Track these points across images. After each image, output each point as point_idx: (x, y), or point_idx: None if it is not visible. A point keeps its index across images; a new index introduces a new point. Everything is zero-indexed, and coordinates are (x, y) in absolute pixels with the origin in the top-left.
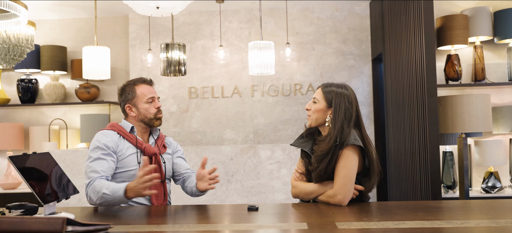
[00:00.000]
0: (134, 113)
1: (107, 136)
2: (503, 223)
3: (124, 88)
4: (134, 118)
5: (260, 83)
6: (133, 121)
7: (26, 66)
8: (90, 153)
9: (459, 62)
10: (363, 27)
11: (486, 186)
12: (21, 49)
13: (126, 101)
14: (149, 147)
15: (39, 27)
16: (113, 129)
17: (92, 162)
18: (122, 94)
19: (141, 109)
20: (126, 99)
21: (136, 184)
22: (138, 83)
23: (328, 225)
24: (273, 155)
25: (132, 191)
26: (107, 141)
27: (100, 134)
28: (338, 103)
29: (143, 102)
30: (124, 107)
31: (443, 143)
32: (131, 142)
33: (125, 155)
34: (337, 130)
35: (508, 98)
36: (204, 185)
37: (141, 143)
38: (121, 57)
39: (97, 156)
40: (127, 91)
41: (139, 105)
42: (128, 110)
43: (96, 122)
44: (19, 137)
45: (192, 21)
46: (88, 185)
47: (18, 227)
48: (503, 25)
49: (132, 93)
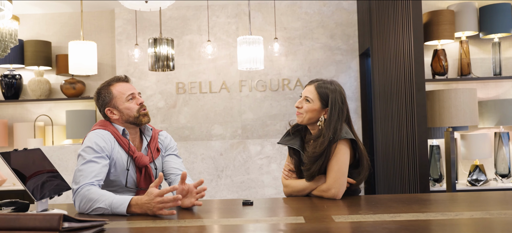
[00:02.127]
0: (117, 115)
1: (101, 137)
2: (495, 214)
3: (100, 92)
4: (118, 120)
5: (248, 79)
6: (120, 124)
7: (9, 61)
8: (81, 153)
9: (445, 57)
10: (351, 22)
11: (471, 179)
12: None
13: (105, 105)
14: (140, 158)
15: (23, 21)
16: (106, 129)
17: (83, 165)
18: (99, 99)
19: (122, 109)
20: (104, 103)
21: (149, 202)
22: (113, 83)
23: (325, 219)
24: (263, 150)
25: (140, 207)
26: (101, 142)
27: (93, 134)
28: (333, 104)
29: (123, 101)
30: (104, 112)
31: (430, 136)
32: (123, 147)
33: (115, 159)
34: (332, 131)
35: (493, 93)
36: (189, 201)
37: (133, 150)
38: (107, 52)
39: (89, 158)
40: (104, 94)
41: (120, 106)
42: (110, 114)
43: (82, 118)
44: (3, 134)
45: (179, 16)
46: (76, 191)
47: (14, 224)
48: (488, 20)
49: (109, 95)
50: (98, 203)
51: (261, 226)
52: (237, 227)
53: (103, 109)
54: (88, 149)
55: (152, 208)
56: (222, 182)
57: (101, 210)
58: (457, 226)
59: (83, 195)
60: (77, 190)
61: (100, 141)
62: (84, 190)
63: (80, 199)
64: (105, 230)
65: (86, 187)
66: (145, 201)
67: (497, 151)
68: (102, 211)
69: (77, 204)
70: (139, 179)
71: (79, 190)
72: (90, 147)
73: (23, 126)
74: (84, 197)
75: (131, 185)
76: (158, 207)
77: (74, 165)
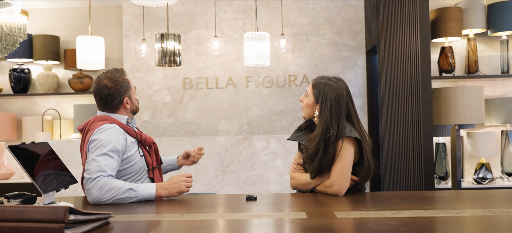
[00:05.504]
0: (129, 105)
1: (117, 134)
2: (497, 212)
3: (117, 81)
4: (126, 110)
5: (254, 75)
6: (125, 114)
7: (18, 55)
8: (97, 146)
9: (452, 54)
10: (358, 18)
11: (477, 177)
12: (14, 38)
13: (124, 95)
14: (147, 137)
15: (32, 16)
16: (114, 123)
17: (99, 156)
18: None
19: (133, 100)
20: (124, 92)
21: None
22: (125, 73)
23: (327, 214)
24: (268, 145)
25: (166, 189)
26: (118, 139)
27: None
28: (324, 99)
29: (134, 92)
30: (122, 101)
31: (436, 134)
32: (131, 134)
33: (132, 150)
34: (323, 127)
35: (501, 91)
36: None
37: (140, 134)
38: (114, 47)
39: (105, 151)
40: (124, 84)
41: (132, 97)
42: (125, 103)
43: (90, 113)
44: (12, 127)
45: (187, 11)
46: (94, 180)
47: (20, 216)
48: (496, 17)
49: (128, 86)
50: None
51: (263, 221)
52: (240, 221)
53: (121, 98)
54: (106, 142)
55: (180, 186)
56: (228, 177)
57: (131, 196)
58: (459, 223)
59: (104, 183)
60: (95, 179)
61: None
62: (103, 179)
63: (99, 187)
64: (110, 223)
65: (105, 177)
66: (172, 182)
67: (503, 149)
68: (133, 195)
69: (94, 191)
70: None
71: (98, 179)
72: (109, 141)
73: (32, 119)
74: (105, 185)
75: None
76: (185, 184)
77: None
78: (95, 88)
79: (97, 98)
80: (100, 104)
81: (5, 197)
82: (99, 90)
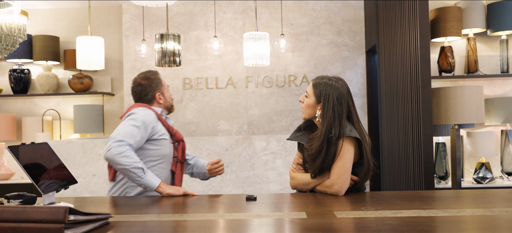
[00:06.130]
0: (162, 100)
1: (149, 116)
2: (497, 211)
3: (150, 78)
4: (160, 105)
5: (254, 75)
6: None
7: (18, 56)
8: (130, 118)
9: (452, 54)
10: (357, 18)
11: (477, 176)
12: (13, 39)
13: (156, 90)
14: (177, 133)
15: (32, 16)
16: (150, 109)
17: (132, 126)
18: (151, 83)
19: (167, 97)
20: (157, 88)
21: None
22: (158, 73)
23: (327, 214)
24: (268, 146)
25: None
26: (150, 120)
27: (143, 111)
28: (326, 99)
29: (166, 90)
30: (154, 95)
31: (436, 134)
32: (163, 124)
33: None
34: (326, 127)
35: (500, 90)
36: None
37: (171, 128)
38: (114, 47)
39: (135, 123)
40: (156, 81)
41: (165, 94)
42: (158, 98)
43: (90, 113)
44: (12, 128)
45: (186, 12)
46: (119, 142)
47: (20, 217)
48: (496, 17)
49: (160, 83)
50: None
51: (263, 221)
52: (240, 221)
53: (153, 92)
54: (138, 117)
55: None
56: (227, 178)
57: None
58: (459, 223)
59: (125, 150)
60: (121, 142)
61: (148, 119)
62: (128, 148)
63: (120, 150)
64: (110, 223)
65: (131, 148)
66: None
67: (503, 148)
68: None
69: (114, 151)
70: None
71: (123, 144)
72: (142, 120)
73: (32, 120)
74: (125, 152)
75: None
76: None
77: (81, 159)
78: (131, 87)
79: (133, 95)
80: (136, 99)
81: (5, 197)
82: (134, 87)
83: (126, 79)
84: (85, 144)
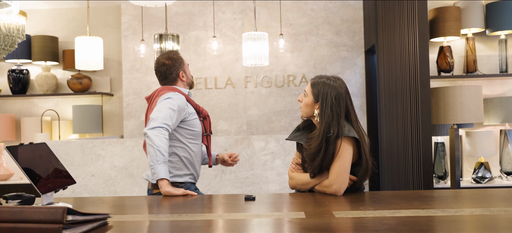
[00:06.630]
0: (185, 78)
1: (182, 101)
2: (495, 211)
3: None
4: (183, 83)
5: (253, 75)
6: (183, 86)
7: (17, 56)
8: (169, 102)
9: (451, 54)
10: (356, 18)
11: (476, 176)
12: (12, 39)
13: (179, 68)
14: (203, 109)
15: (30, 17)
16: (180, 93)
17: (170, 109)
18: (174, 63)
19: (188, 75)
20: (180, 67)
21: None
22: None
23: (325, 214)
24: (267, 146)
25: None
26: (182, 105)
27: (176, 95)
28: (324, 99)
29: (187, 68)
30: (178, 74)
31: (435, 133)
32: (192, 105)
33: (191, 117)
34: (324, 126)
35: (499, 90)
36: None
37: (198, 105)
38: (113, 47)
39: (171, 107)
40: (178, 60)
41: (186, 71)
42: (181, 76)
43: (89, 113)
44: (11, 128)
45: (185, 12)
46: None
47: (18, 217)
48: (495, 17)
49: (181, 62)
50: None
51: (262, 221)
52: (238, 221)
53: (177, 71)
54: (174, 101)
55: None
56: (226, 178)
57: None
58: (457, 222)
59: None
60: (162, 126)
61: (181, 104)
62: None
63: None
64: (108, 223)
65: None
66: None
67: (502, 148)
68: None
69: (154, 132)
70: (203, 126)
71: (163, 128)
72: (176, 101)
73: (30, 120)
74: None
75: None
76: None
77: (80, 159)
78: (155, 67)
79: (158, 75)
80: (161, 79)
81: (3, 198)
82: (158, 68)
83: (125, 80)
84: (84, 144)
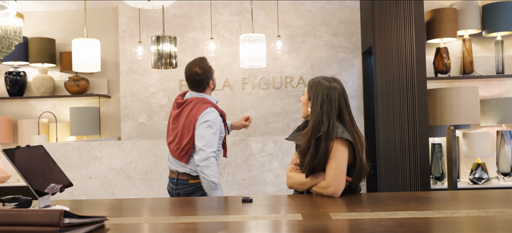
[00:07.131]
0: (212, 86)
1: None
2: (491, 212)
3: (204, 68)
4: (210, 89)
5: (251, 76)
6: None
7: (14, 58)
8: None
9: (448, 55)
10: (354, 20)
11: (473, 177)
12: (9, 41)
13: (210, 78)
14: (223, 112)
15: (27, 19)
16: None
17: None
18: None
19: (215, 81)
20: (210, 77)
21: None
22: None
23: (322, 216)
24: (265, 147)
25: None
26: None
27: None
28: (315, 96)
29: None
30: (208, 83)
31: (432, 135)
32: (220, 113)
33: (223, 133)
34: (313, 123)
35: (496, 91)
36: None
37: (222, 111)
38: (110, 49)
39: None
40: (210, 71)
41: (214, 79)
42: (211, 84)
43: (86, 115)
44: (8, 130)
45: (183, 14)
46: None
47: (15, 220)
48: (491, 18)
49: (212, 72)
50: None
51: (259, 223)
52: (236, 224)
53: (208, 81)
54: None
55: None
56: (224, 179)
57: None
58: (454, 223)
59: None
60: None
61: (219, 121)
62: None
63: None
64: (105, 226)
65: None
66: None
67: (499, 149)
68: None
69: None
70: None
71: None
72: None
73: (27, 122)
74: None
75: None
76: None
77: (77, 162)
78: (187, 74)
79: (189, 82)
80: (192, 86)
81: (0, 201)
82: (191, 76)
83: (122, 81)
84: (81, 146)
